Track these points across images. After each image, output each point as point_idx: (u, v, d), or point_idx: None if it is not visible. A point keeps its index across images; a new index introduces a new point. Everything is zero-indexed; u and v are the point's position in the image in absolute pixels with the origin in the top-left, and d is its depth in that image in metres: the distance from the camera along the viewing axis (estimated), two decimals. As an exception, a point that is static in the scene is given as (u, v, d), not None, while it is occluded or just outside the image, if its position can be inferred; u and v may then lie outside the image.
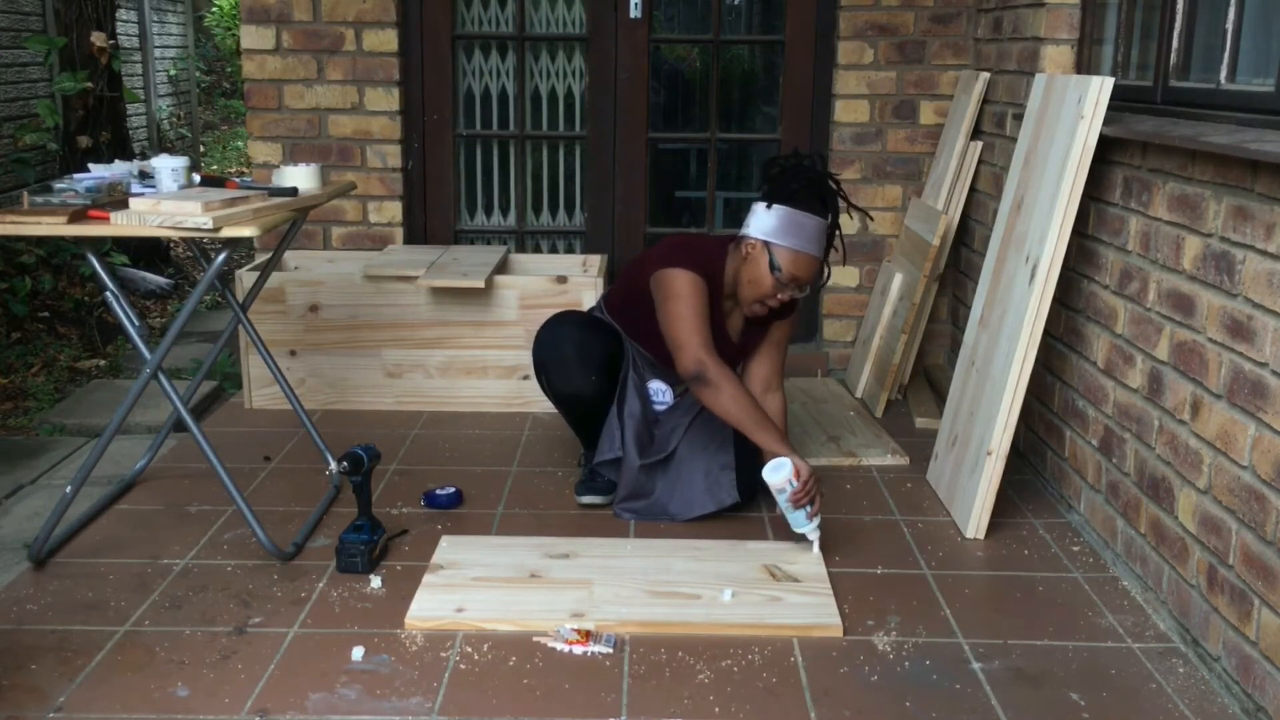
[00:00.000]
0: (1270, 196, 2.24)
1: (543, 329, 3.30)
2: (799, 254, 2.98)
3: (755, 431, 2.95)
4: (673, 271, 3.02)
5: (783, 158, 3.09)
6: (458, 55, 4.61)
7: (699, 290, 3.01)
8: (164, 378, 2.86)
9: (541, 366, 3.27)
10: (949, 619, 2.65)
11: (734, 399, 2.94)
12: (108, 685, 2.32)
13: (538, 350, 3.28)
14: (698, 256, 3.06)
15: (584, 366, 3.18)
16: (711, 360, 2.95)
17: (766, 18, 4.72)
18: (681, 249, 3.08)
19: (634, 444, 3.18)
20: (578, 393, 3.22)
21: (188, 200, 2.66)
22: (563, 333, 3.23)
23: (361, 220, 4.55)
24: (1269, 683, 2.21)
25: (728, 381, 2.95)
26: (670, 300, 3.01)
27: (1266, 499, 2.23)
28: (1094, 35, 3.46)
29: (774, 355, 3.25)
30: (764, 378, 3.25)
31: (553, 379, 3.25)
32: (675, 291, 3.00)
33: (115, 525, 3.11)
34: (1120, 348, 2.92)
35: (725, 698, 2.31)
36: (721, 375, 2.94)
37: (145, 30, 10.29)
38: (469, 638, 2.52)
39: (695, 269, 3.02)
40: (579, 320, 3.28)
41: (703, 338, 2.97)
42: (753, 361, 3.26)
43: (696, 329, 2.97)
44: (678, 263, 3.03)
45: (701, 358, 2.94)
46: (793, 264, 2.98)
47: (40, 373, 4.90)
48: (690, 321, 2.98)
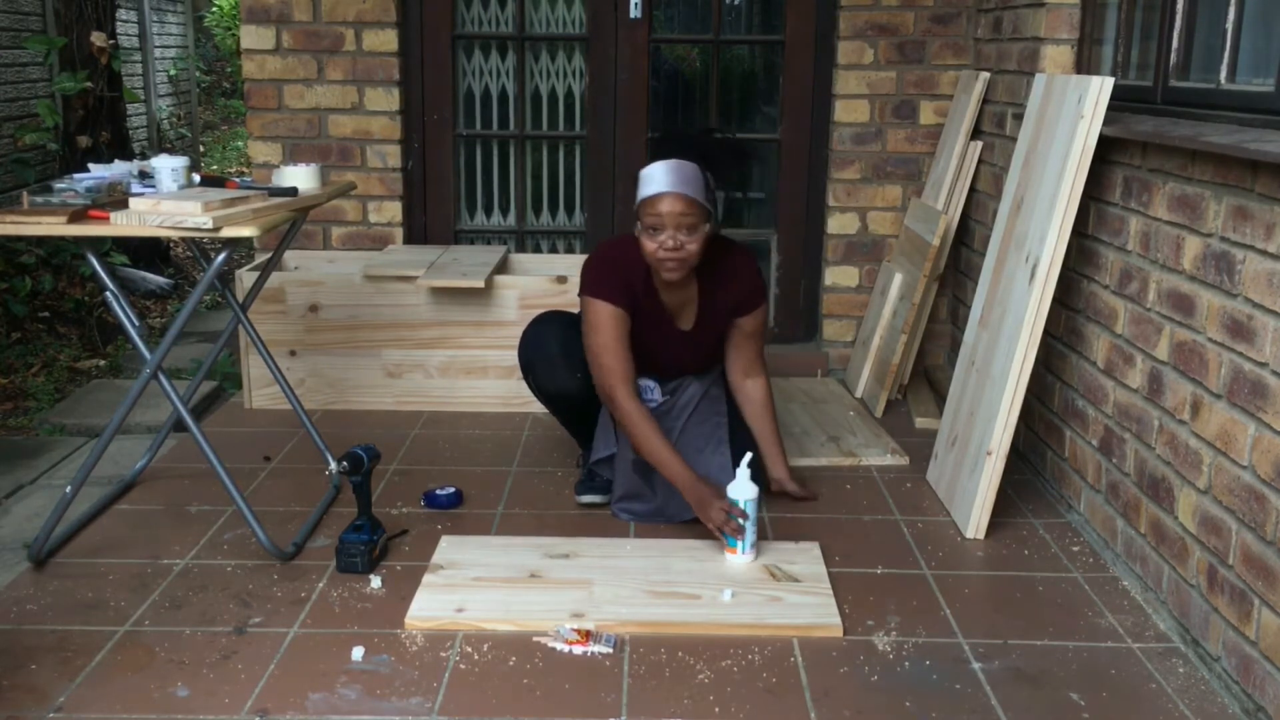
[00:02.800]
0: (1270, 196, 2.24)
1: (528, 329, 3.31)
2: (645, 199, 2.97)
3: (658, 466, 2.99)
4: (594, 304, 3.06)
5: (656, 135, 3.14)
6: (458, 55, 4.61)
7: (616, 322, 3.04)
8: (164, 378, 2.86)
9: (528, 366, 3.28)
10: (949, 619, 2.65)
11: (634, 429, 2.99)
12: (108, 685, 2.32)
13: (523, 350, 3.29)
14: (621, 274, 3.08)
15: (570, 365, 3.19)
16: (621, 393, 3.01)
17: (766, 18, 4.72)
18: (606, 268, 3.09)
19: (627, 439, 3.18)
20: (564, 391, 3.23)
21: (188, 200, 2.66)
22: (547, 332, 3.25)
23: (361, 220, 4.55)
24: (1269, 683, 2.21)
25: (628, 416, 3.00)
26: (590, 333, 3.06)
27: (1266, 499, 2.23)
28: (1094, 35, 3.46)
29: (748, 346, 3.29)
30: (742, 367, 3.31)
31: (539, 378, 3.26)
32: (594, 325, 3.05)
33: (115, 525, 3.11)
34: (1120, 348, 2.92)
35: (725, 698, 2.31)
36: (627, 409, 3.00)
37: (145, 30, 10.29)
38: (469, 638, 2.52)
39: (614, 294, 3.04)
40: (564, 320, 3.29)
41: (613, 373, 3.02)
42: (729, 356, 3.31)
43: (607, 366, 3.03)
44: (599, 292, 3.06)
45: (611, 390, 3.02)
46: (645, 212, 2.97)
47: (40, 373, 4.90)
48: (600, 358, 3.04)
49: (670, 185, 2.93)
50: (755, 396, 3.30)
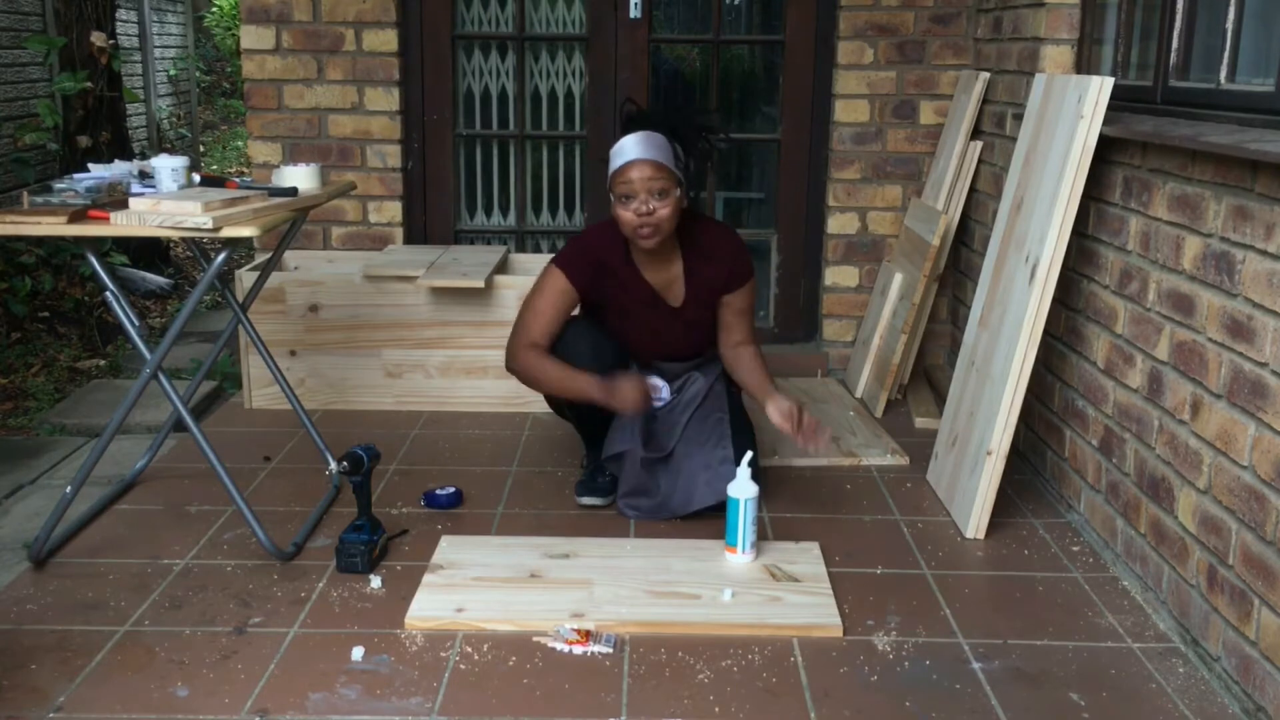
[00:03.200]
0: (1270, 196, 2.24)
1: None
2: (615, 170, 3.07)
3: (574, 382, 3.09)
4: (551, 271, 3.20)
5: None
6: (458, 55, 4.61)
7: (560, 295, 3.16)
8: (164, 378, 2.86)
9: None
10: (949, 619, 2.65)
11: (538, 368, 3.12)
12: (108, 685, 2.32)
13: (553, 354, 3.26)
14: (590, 253, 3.20)
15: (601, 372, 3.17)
16: (519, 349, 3.14)
17: (766, 18, 4.72)
18: (578, 248, 3.24)
19: (640, 437, 3.18)
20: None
21: (188, 200, 2.66)
22: (576, 338, 3.21)
23: (361, 220, 4.55)
24: (1269, 683, 2.21)
25: (529, 362, 3.13)
26: (533, 294, 3.20)
27: (1266, 499, 2.23)
28: (1094, 35, 3.46)
29: (739, 323, 3.32)
30: (734, 341, 3.33)
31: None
32: (539, 288, 3.20)
33: (115, 525, 3.11)
34: (1120, 348, 2.92)
35: (725, 698, 2.31)
36: (526, 360, 3.13)
37: (145, 30, 10.29)
38: (469, 638, 2.52)
39: (574, 273, 3.17)
40: (586, 324, 3.27)
41: (536, 334, 3.14)
42: (721, 335, 3.33)
43: (531, 327, 3.15)
44: (561, 264, 3.19)
45: (511, 349, 3.16)
46: (616, 181, 3.06)
47: (40, 373, 4.90)
48: (538, 318, 3.15)
49: (638, 154, 3.04)
50: (744, 358, 3.30)
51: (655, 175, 3.01)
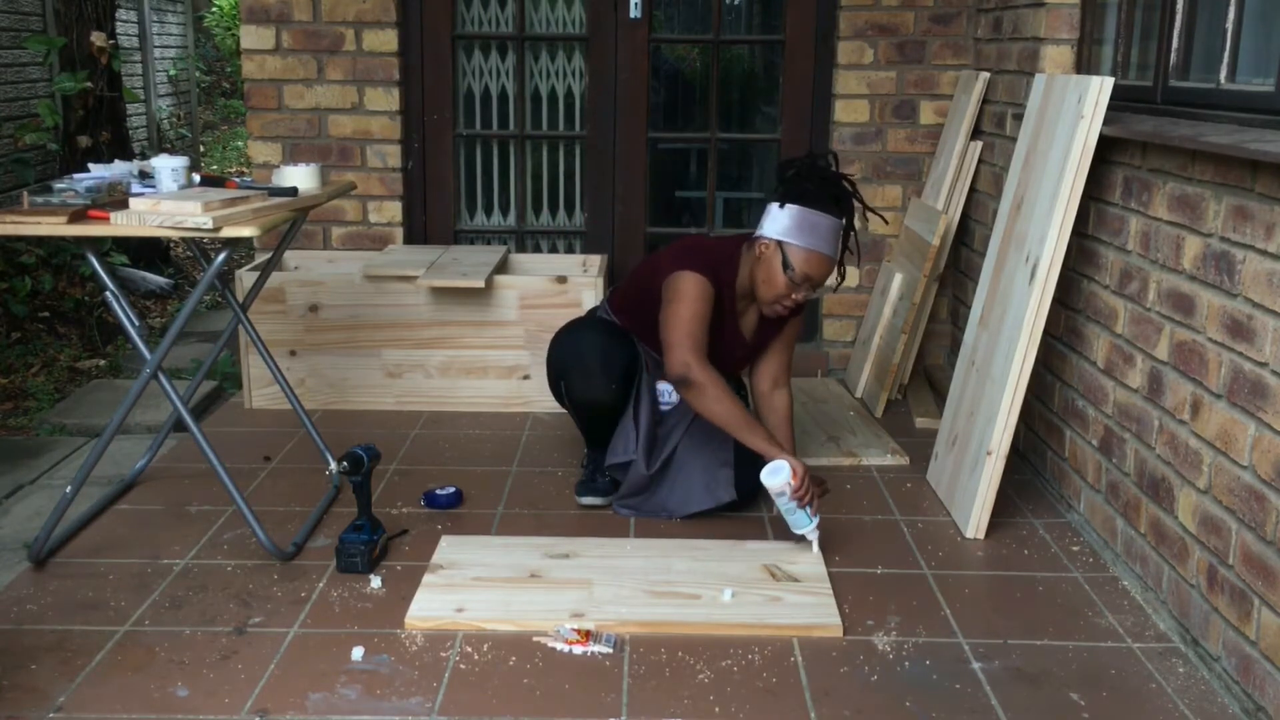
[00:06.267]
0: (1270, 196, 2.24)
1: (563, 335, 3.27)
2: (811, 253, 2.98)
3: (742, 433, 2.96)
4: (682, 274, 3.03)
5: (798, 159, 3.09)
6: (458, 55, 4.62)
7: (703, 294, 3.02)
8: (164, 378, 2.86)
9: (562, 373, 3.23)
10: (949, 619, 2.65)
11: (719, 401, 2.95)
12: (108, 685, 2.32)
13: (560, 357, 3.24)
14: (710, 258, 3.07)
15: (607, 375, 3.16)
16: (698, 363, 2.95)
17: (766, 18, 4.72)
18: (695, 251, 3.09)
19: (645, 449, 3.17)
20: (596, 400, 3.19)
21: (188, 200, 2.66)
22: (585, 340, 3.20)
23: (361, 220, 4.55)
24: (1269, 683, 2.21)
25: (713, 385, 2.95)
26: (673, 302, 3.02)
27: (1266, 499, 2.23)
28: (1094, 35, 3.46)
29: (783, 353, 3.27)
30: (772, 375, 3.27)
31: (574, 387, 3.21)
32: (679, 293, 3.01)
33: (115, 525, 3.11)
34: (1120, 348, 2.92)
35: (725, 698, 2.31)
36: (707, 378, 2.95)
37: (145, 30, 10.28)
38: (469, 638, 2.52)
39: (705, 272, 3.03)
40: (600, 327, 3.25)
41: (694, 341, 2.97)
42: (761, 359, 3.28)
43: (690, 333, 2.97)
44: (689, 265, 3.04)
45: (688, 360, 2.95)
46: (805, 263, 2.98)
47: (40, 373, 4.90)
48: (686, 325, 2.98)
49: (834, 251, 3.02)
50: (779, 407, 3.26)
51: (831, 275, 3.04)
